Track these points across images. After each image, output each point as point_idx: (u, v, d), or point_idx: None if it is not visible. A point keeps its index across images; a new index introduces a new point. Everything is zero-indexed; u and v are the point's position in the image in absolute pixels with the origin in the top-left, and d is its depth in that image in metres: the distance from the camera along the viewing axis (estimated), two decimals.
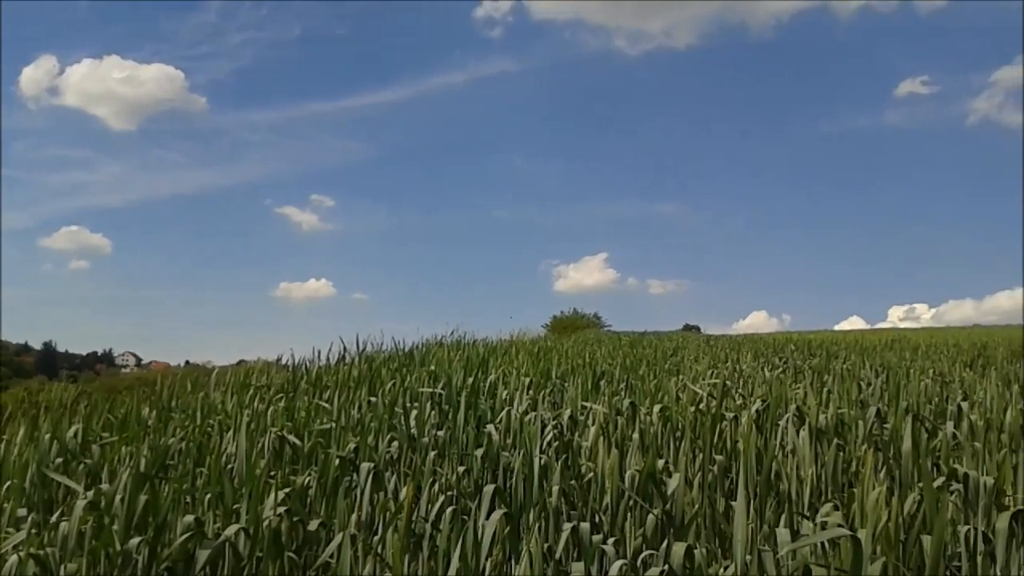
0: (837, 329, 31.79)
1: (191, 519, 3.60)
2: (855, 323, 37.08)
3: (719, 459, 4.55)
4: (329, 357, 10.19)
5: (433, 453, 4.75)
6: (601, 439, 4.72)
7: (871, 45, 53.95)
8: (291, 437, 5.15)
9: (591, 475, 4.30)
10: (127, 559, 3.39)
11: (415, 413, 5.60)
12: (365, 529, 4.01)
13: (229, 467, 4.68)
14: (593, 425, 5.11)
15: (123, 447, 5.23)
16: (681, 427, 5.17)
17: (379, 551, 3.61)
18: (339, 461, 4.43)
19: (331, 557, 3.56)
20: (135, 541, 3.42)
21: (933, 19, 47.08)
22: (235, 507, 3.87)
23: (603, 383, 7.87)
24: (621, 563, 3.35)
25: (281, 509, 3.74)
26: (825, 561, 3.21)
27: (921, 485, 3.48)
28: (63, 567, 3.42)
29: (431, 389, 6.44)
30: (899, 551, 3.23)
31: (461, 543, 3.39)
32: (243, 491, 3.86)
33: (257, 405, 6.68)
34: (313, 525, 3.82)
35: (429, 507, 3.95)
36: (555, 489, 4.01)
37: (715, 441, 4.93)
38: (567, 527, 3.61)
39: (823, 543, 3.22)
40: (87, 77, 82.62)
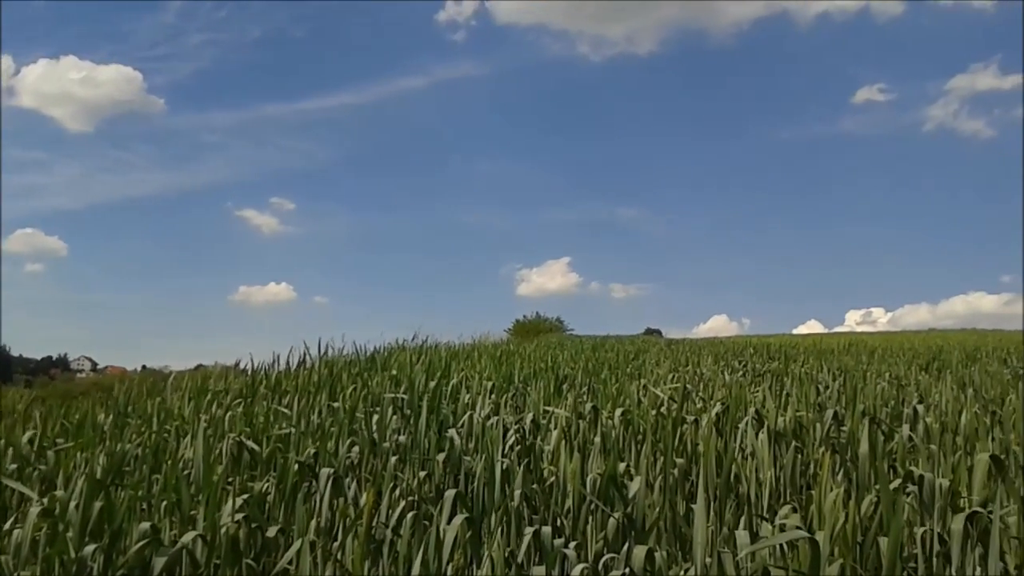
0: (796, 333, 32.16)
1: (147, 526, 3.54)
2: (813, 327, 37.54)
3: (680, 462, 4.58)
4: (289, 362, 10.10)
5: (394, 458, 4.72)
6: (563, 443, 4.73)
7: (829, 53, 54.83)
8: (249, 443, 5.09)
9: (553, 479, 4.31)
10: (82, 566, 3.33)
11: (376, 418, 5.57)
12: (325, 535, 3.97)
13: (186, 473, 4.61)
14: (555, 429, 5.11)
15: (78, 453, 5.14)
16: (642, 430, 5.19)
17: (339, 557, 3.58)
18: (298, 467, 4.39)
19: (290, 564, 3.52)
20: (90, 548, 3.36)
21: (890, 28, 47.99)
22: (192, 513, 3.83)
23: (565, 387, 7.89)
24: (583, 567, 3.36)
25: (239, 515, 3.70)
26: (784, 563, 3.24)
27: (878, 487, 3.52)
28: (17, 574, 3.35)
29: (393, 394, 6.40)
30: (856, 552, 3.28)
31: (422, 548, 3.37)
32: (200, 497, 3.81)
33: (215, 410, 6.60)
34: (272, 532, 3.78)
35: (390, 512, 3.93)
36: (517, 493, 4.01)
37: (676, 444, 4.95)
38: (529, 531, 3.61)
39: (782, 545, 3.25)
40: (43, 78, 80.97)
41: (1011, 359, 11.81)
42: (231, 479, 4.46)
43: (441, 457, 4.71)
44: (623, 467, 4.31)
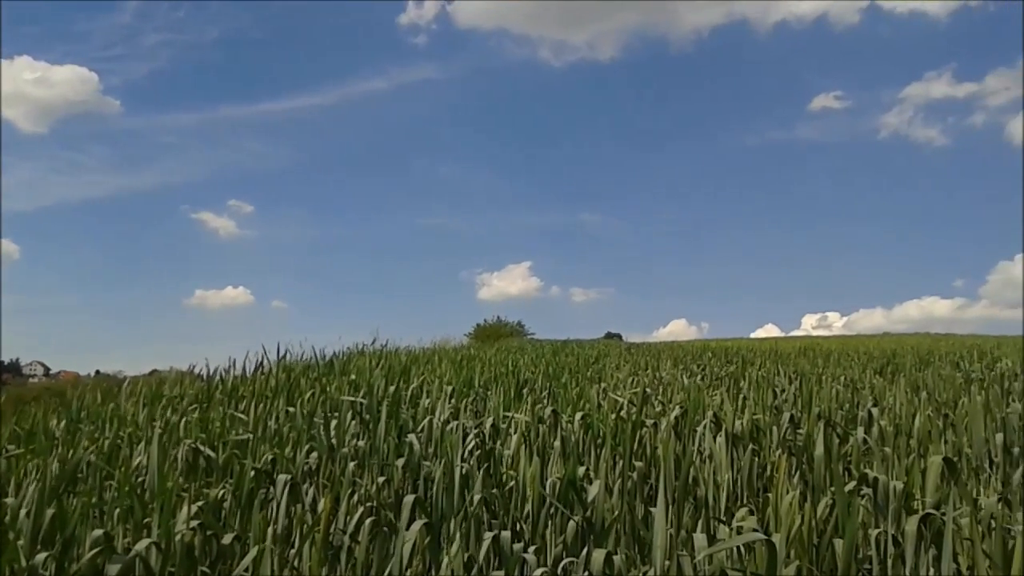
0: (753, 337, 32.54)
1: (100, 533, 3.49)
2: (770, 331, 38.03)
3: (639, 465, 4.60)
4: (246, 366, 9.98)
5: (353, 464, 4.68)
6: (523, 447, 4.73)
7: (787, 60, 55.67)
8: (205, 449, 5.02)
9: (513, 483, 4.30)
10: (33, 575, 3.25)
11: (335, 423, 5.52)
12: (282, 542, 3.93)
13: (140, 480, 4.54)
14: (515, 433, 5.11)
15: (30, 459, 5.03)
16: (602, 434, 5.21)
17: (296, 565, 3.54)
18: (255, 473, 4.33)
19: (246, 571, 3.47)
20: (41, 556, 3.29)
21: (847, 36, 48.83)
22: (146, 521, 3.77)
23: (526, 391, 7.89)
24: (542, 571, 3.36)
25: (194, 523, 3.65)
26: (741, 565, 3.27)
27: (833, 489, 3.57)
28: None
29: (352, 398, 6.35)
30: (812, 554, 3.31)
31: (381, 554, 3.35)
32: (154, 504, 3.75)
33: (170, 416, 6.50)
34: (227, 539, 3.73)
35: (348, 519, 3.89)
36: (476, 498, 4.00)
37: (635, 448, 4.98)
38: (488, 536, 3.60)
39: (739, 547, 3.27)
40: None
41: (963, 363, 12.04)
42: (186, 486, 4.39)
43: (400, 462, 4.68)
44: (583, 471, 4.32)
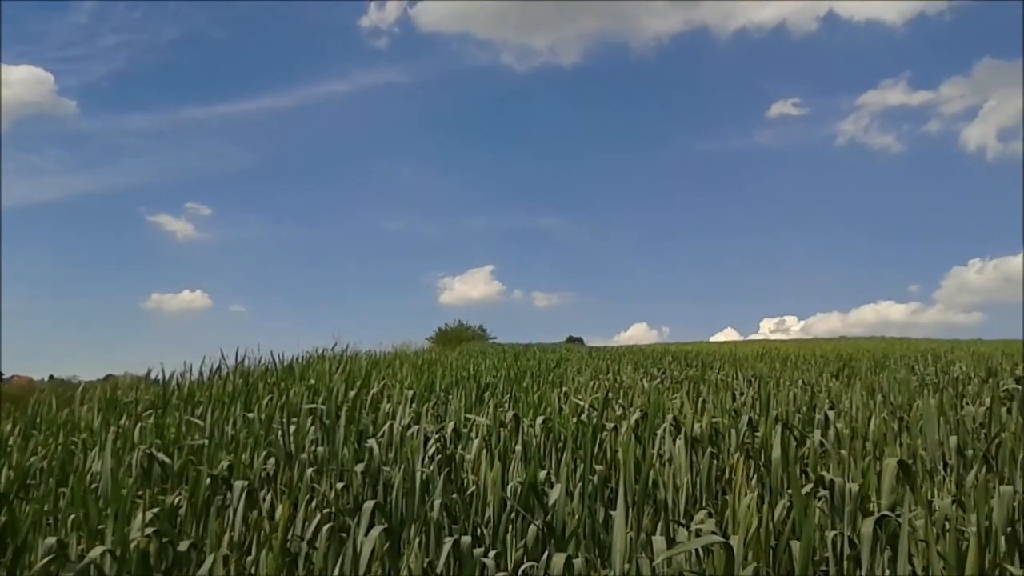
0: (712, 340, 32.84)
1: (53, 541, 3.44)
2: (729, 335, 38.37)
3: (599, 469, 4.60)
4: (203, 371, 9.84)
5: (311, 469, 4.63)
6: (484, 451, 4.71)
7: (746, 68, 56.25)
8: (160, 455, 4.94)
9: (474, 488, 4.28)
10: None
11: (293, 428, 5.46)
12: (238, 549, 3.88)
13: (94, 487, 4.46)
14: (476, 438, 5.10)
15: None
16: (563, 438, 5.21)
17: (253, 571, 3.49)
18: (211, 479, 4.27)
19: None
20: None
21: (804, 44, 49.49)
22: (100, 528, 3.72)
23: (487, 395, 7.87)
24: (502, 575, 3.34)
25: (149, 529, 3.60)
26: (699, 567, 3.28)
27: (790, 492, 3.60)
28: None
29: (310, 404, 6.29)
30: (769, 556, 3.34)
31: (339, 561, 3.31)
32: (109, 511, 3.69)
33: (125, 422, 6.39)
34: (183, 546, 3.67)
35: (305, 525, 3.85)
36: (436, 503, 3.97)
37: (596, 451, 4.98)
38: (448, 541, 3.58)
39: (697, 550, 3.29)
40: None
41: (918, 366, 12.24)
42: (141, 492, 4.32)
43: (360, 468, 4.64)
44: (544, 475, 4.32)
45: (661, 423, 5.40)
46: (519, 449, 4.86)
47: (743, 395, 7.92)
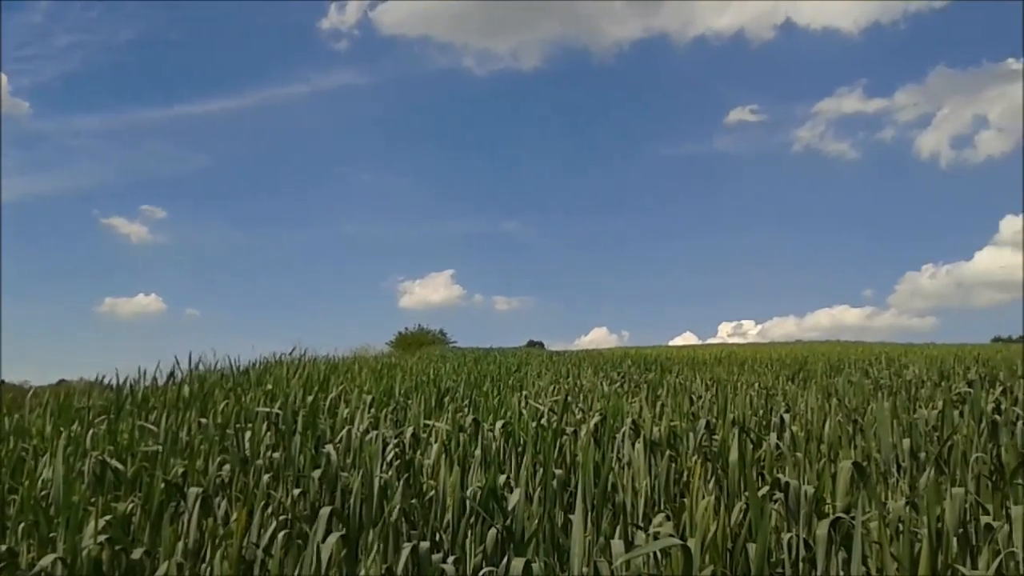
0: (672, 344, 33.03)
1: (3, 549, 3.39)
2: (688, 338, 38.64)
3: (559, 473, 4.60)
4: (157, 376, 9.69)
5: (267, 475, 4.58)
6: (443, 456, 4.69)
7: (705, 74, 56.75)
8: (113, 461, 4.85)
9: (433, 493, 4.26)
10: None
11: (249, 434, 5.39)
12: (193, 557, 3.81)
13: (45, 494, 4.37)
14: (436, 442, 5.07)
15: None
16: (523, 442, 5.21)
17: None
18: (165, 486, 4.20)
19: None
20: None
21: (762, 52, 50.11)
22: (52, 536, 3.66)
23: (447, 400, 7.85)
24: None
25: (102, 537, 3.54)
26: (657, 570, 3.29)
27: (747, 494, 3.63)
28: None
29: (267, 409, 6.22)
30: (727, 559, 3.36)
31: (296, 568, 3.27)
32: (60, 519, 3.63)
33: (77, 428, 6.26)
34: (137, 554, 3.61)
35: (261, 532, 3.80)
36: (395, 509, 3.94)
37: (555, 455, 4.98)
38: (407, 547, 3.55)
39: (656, 553, 3.30)
40: None
41: (872, 370, 12.45)
42: (94, 499, 4.24)
43: (317, 473, 4.59)
44: (503, 479, 4.30)
45: (620, 427, 5.42)
46: (479, 454, 4.84)
47: (701, 399, 7.99)
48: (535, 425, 5.58)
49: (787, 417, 6.00)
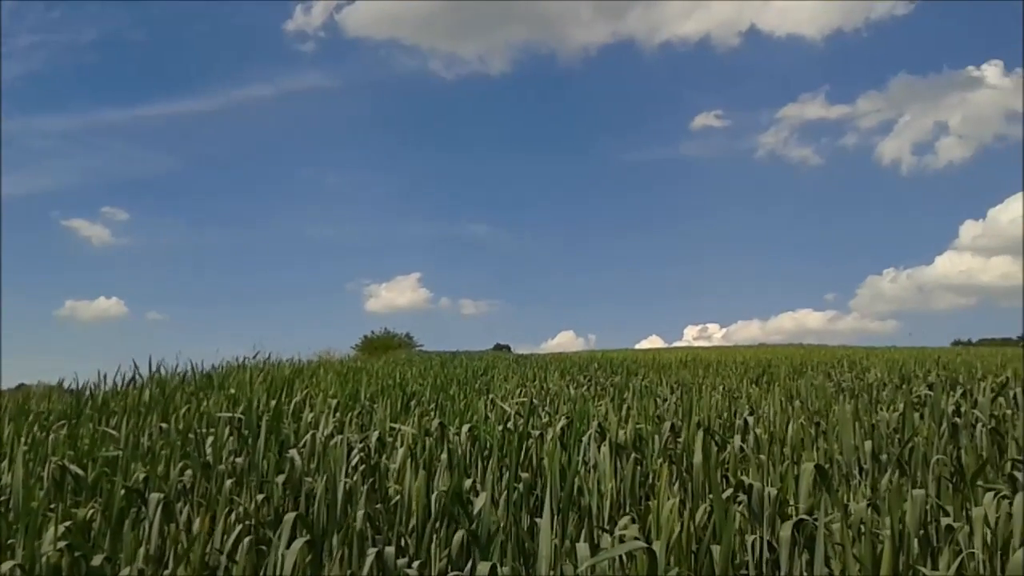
0: (638, 347, 33.20)
1: None
2: (654, 342, 38.90)
3: (525, 476, 4.60)
4: (118, 381, 9.55)
5: (230, 481, 4.52)
6: (409, 460, 4.67)
7: (671, 80, 57.18)
8: (73, 467, 4.77)
9: (398, 498, 4.24)
10: None
11: (211, 439, 5.33)
12: (154, 563, 3.76)
13: (4, 499, 4.29)
14: (401, 447, 5.04)
15: None
16: (489, 446, 5.20)
17: None
18: (126, 491, 4.13)
19: None
20: None
21: (728, 58, 50.66)
22: (10, 542, 3.60)
23: (413, 404, 7.82)
24: None
25: (61, 543, 3.49)
26: (623, 573, 3.30)
27: (712, 496, 3.65)
28: None
29: (230, 414, 6.15)
30: (692, 561, 3.37)
31: (260, 574, 3.23)
32: (19, 525, 3.58)
33: (37, 433, 6.15)
34: (97, 560, 3.55)
35: (224, 538, 3.76)
36: (360, 514, 3.92)
37: (522, 459, 4.98)
38: (372, 552, 3.53)
39: (621, 556, 3.31)
40: None
41: (835, 372, 12.60)
42: (53, 505, 4.18)
43: (281, 479, 4.55)
44: (469, 483, 4.29)
45: (586, 430, 5.43)
46: (445, 458, 4.83)
47: (666, 402, 8.03)
48: (501, 428, 5.58)
49: (751, 420, 6.05)
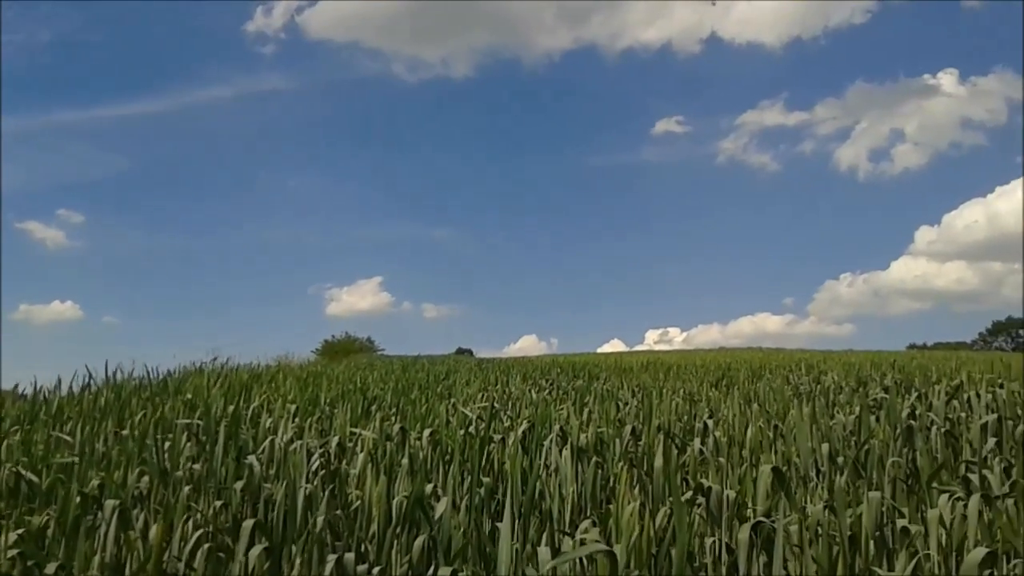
0: (600, 351, 33.39)
1: None
2: (616, 346, 39.19)
3: (486, 481, 4.60)
4: (73, 386, 9.38)
5: (188, 488, 4.47)
6: (370, 465, 4.64)
7: (633, 86, 57.70)
8: (27, 473, 4.69)
9: (359, 503, 4.21)
10: None
11: (168, 445, 5.25)
12: (110, 571, 3.70)
13: None
14: (362, 452, 5.02)
15: None
16: (450, 450, 5.19)
17: None
18: (81, 498, 4.06)
19: None
20: None
21: (689, 65, 51.32)
22: None
23: (374, 408, 7.78)
24: None
25: (14, 551, 3.43)
26: None
27: (672, 499, 3.68)
28: None
29: (187, 419, 6.07)
30: (651, 564, 3.40)
31: None
32: None
33: None
34: (51, 568, 3.49)
35: (182, 545, 3.71)
36: (320, 520, 3.89)
37: (483, 463, 4.98)
38: (332, 558, 3.51)
39: (582, 559, 3.32)
40: None
41: (792, 376, 12.75)
42: (7, 512, 4.11)
43: (239, 485, 4.50)
44: (430, 488, 4.28)
45: (548, 434, 5.44)
46: (406, 462, 4.81)
47: (627, 405, 8.07)
48: (463, 433, 5.57)
49: (710, 423, 6.10)
